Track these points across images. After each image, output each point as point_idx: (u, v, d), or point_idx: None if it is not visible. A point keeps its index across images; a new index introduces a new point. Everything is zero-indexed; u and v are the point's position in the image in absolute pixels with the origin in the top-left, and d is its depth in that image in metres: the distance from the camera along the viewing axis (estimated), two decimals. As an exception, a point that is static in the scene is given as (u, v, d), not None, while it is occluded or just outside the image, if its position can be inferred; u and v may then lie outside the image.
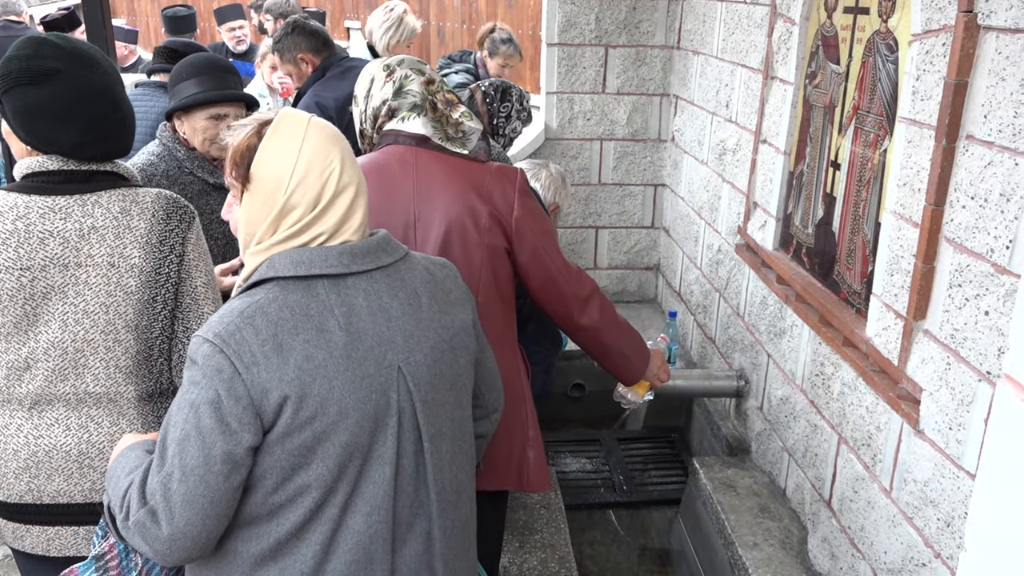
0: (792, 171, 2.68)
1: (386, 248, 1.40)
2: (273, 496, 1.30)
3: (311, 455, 1.28)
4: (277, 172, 1.32)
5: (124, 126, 1.75)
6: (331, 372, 1.28)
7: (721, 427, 3.17)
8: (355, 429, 1.30)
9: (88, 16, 3.08)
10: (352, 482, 1.32)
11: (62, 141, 1.66)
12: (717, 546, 2.66)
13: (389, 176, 1.91)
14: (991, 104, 1.65)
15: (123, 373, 1.72)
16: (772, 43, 2.77)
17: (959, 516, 1.77)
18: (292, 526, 1.30)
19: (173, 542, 1.26)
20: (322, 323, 1.29)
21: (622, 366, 2.17)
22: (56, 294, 1.66)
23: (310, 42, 3.51)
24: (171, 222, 1.72)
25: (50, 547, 1.78)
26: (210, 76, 2.39)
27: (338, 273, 1.32)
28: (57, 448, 1.72)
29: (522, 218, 1.91)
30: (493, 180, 1.90)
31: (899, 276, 1.99)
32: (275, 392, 1.25)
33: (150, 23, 11.73)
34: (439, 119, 1.93)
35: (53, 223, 1.65)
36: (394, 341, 1.35)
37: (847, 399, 2.25)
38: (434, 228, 1.88)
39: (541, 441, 2.06)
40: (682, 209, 3.88)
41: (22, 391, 1.69)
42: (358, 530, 1.32)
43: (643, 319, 4.16)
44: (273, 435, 1.27)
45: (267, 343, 1.25)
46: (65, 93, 1.65)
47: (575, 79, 3.99)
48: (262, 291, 1.30)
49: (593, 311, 2.03)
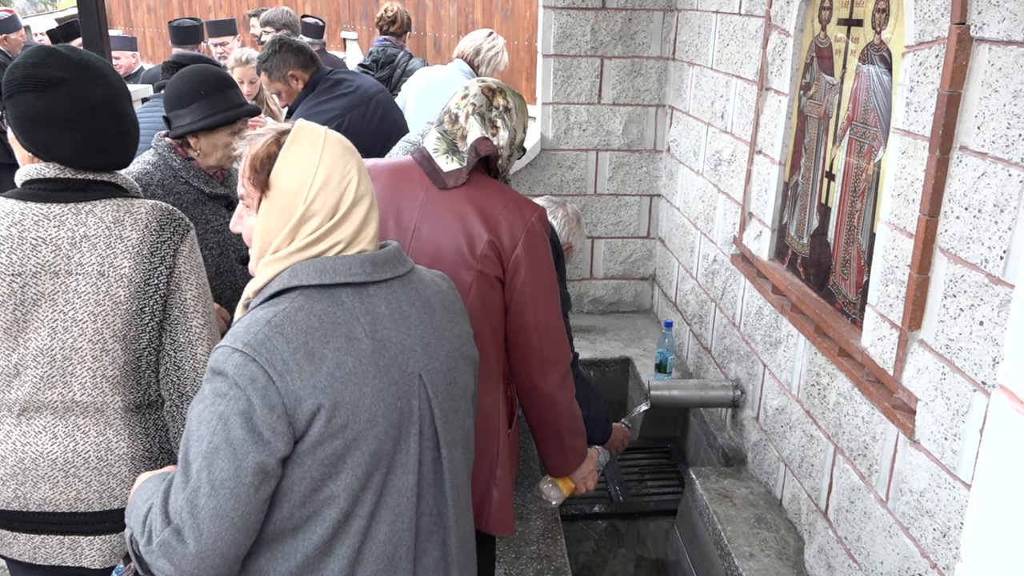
0: (787, 182, 2.69)
1: (400, 259, 1.42)
2: (301, 509, 1.28)
3: (341, 464, 1.28)
4: (298, 179, 1.32)
5: (124, 139, 1.76)
6: (361, 379, 1.28)
7: (717, 437, 3.16)
8: (383, 436, 1.30)
9: (85, 27, 3.09)
10: (378, 491, 1.32)
11: (60, 150, 1.67)
12: (713, 557, 2.65)
13: (405, 180, 1.92)
14: (984, 115, 1.66)
15: (110, 383, 1.71)
16: (767, 54, 2.78)
17: (955, 526, 1.77)
18: (320, 540, 1.29)
19: (201, 560, 1.22)
20: (350, 331, 1.30)
21: (555, 451, 2.08)
22: (46, 301, 1.66)
23: (298, 59, 3.53)
24: (163, 234, 1.72)
25: (36, 555, 1.78)
26: (234, 93, 2.44)
27: (361, 282, 1.33)
28: (44, 456, 1.72)
29: (522, 258, 1.86)
30: (505, 212, 1.86)
31: (894, 286, 2.00)
32: (309, 400, 1.24)
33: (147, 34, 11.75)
34: (452, 132, 1.92)
35: (47, 230, 1.66)
36: (414, 349, 1.37)
37: (843, 409, 2.26)
38: (430, 242, 1.87)
39: (511, 483, 2.01)
40: (678, 219, 3.89)
41: (11, 397, 1.70)
42: (383, 540, 1.32)
43: (639, 329, 4.16)
44: (304, 445, 1.25)
45: (299, 351, 1.25)
46: (67, 103, 1.66)
47: (571, 90, 4.00)
48: (286, 300, 1.30)
49: (553, 379, 1.94)
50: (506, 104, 1.94)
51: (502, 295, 1.89)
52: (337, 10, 10.43)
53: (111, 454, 1.74)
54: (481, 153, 1.88)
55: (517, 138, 1.97)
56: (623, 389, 3.92)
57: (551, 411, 2.00)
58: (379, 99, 3.61)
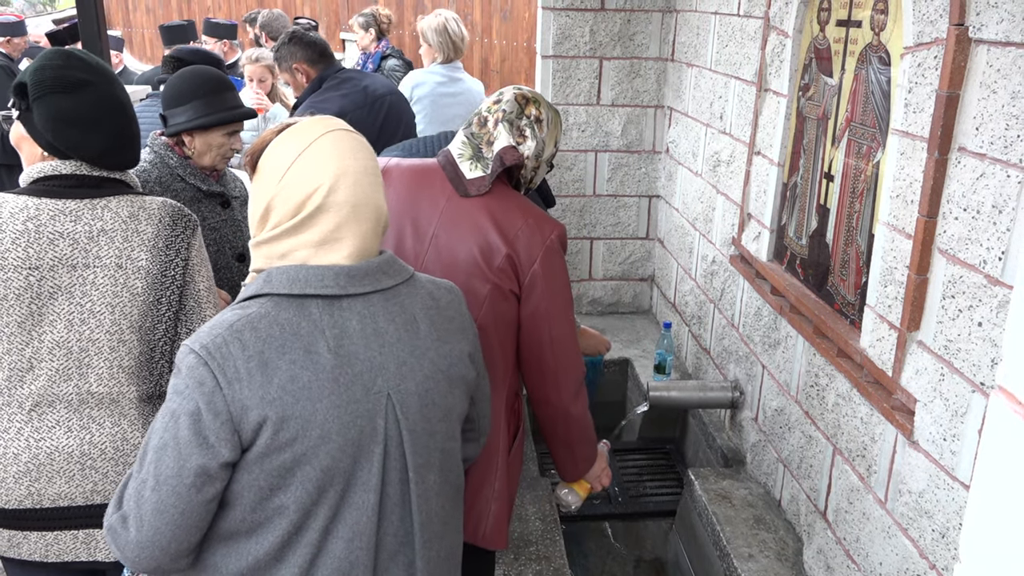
0: (786, 182, 2.69)
1: (387, 270, 1.37)
2: (252, 514, 1.28)
3: (290, 476, 1.26)
4: (271, 167, 1.33)
5: (136, 139, 1.86)
6: (315, 395, 1.25)
7: (716, 438, 3.16)
8: (337, 454, 1.27)
9: (84, 29, 3.09)
10: (333, 507, 1.29)
11: (89, 148, 1.75)
12: (712, 558, 2.65)
13: (427, 185, 1.90)
14: (983, 116, 1.66)
15: (126, 373, 1.75)
16: (765, 55, 2.79)
17: (954, 527, 1.77)
18: (271, 546, 1.28)
19: (141, 549, 1.25)
20: (311, 344, 1.27)
21: (568, 461, 2.11)
22: (63, 294, 1.70)
23: (305, 52, 3.55)
24: (177, 228, 1.79)
25: (48, 552, 1.78)
26: (231, 95, 2.47)
27: (333, 294, 1.30)
28: (59, 450, 1.73)
29: (539, 275, 1.85)
30: (525, 228, 1.84)
31: (893, 287, 2.00)
32: (255, 411, 1.23)
33: (145, 35, 11.75)
34: (479, 136, 1.90)
35: (63, 225, 1.71)
36: (386, 367, 1.32)
37: (842, 410, 2.26)
38: (447, 250, 1.85)
39: (510, 497, 2.02)
40: (676, 220, 3.89)
41: (23, 392, 1.72)
42: (339, 556, 1.30)
43: (638, 330, 4.16)
44: (252, 453, 1.25)
45: (252, 359, 1.23)
46: (95, 103, 1.74)
47: (570, 91, 4.01)
48: (255, 305, 1.29)
49: (567, 392, 1.95)
50: (538, 115, 1.92)
51: (515, 309, 1.88)
52: (336, 11, 10.44)
53: (127, 444, 1.78)
54: (506, 163, 1.86)
55: (546, 151, 1.95)
56: (622, 390, 3.92)
57: (564, 423, 2.01)
58: (388, 100, 3.58)
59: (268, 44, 5.37)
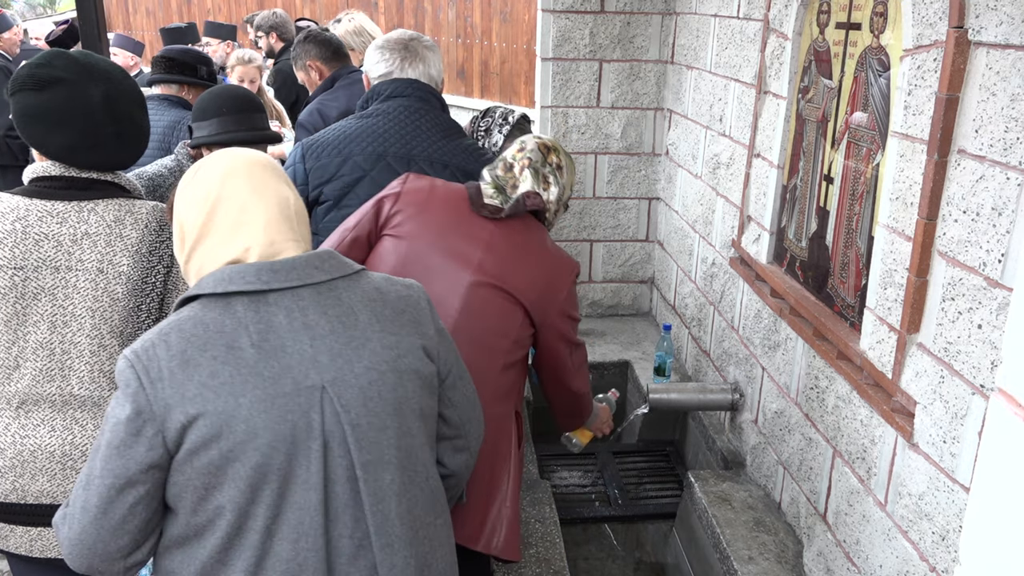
0: (786, 185, 2.69)
1: (320, 265, 1.35)
2: (194, 517, 1.29)
3: (221, 475, 1.26)
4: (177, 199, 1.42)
5: (120, 139, 1.81)
6: (237, 390, 1.25)
7: (716, 440, 3.16)
8: (267, 450, 1.26)
9: (84, 30, 3.09)
10: (272, 506, 1.28)
11: (51, 145, 1.75)
12: (712, 560, 2.65)
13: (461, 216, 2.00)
14: (982, 119, 1.66)
15: (107, 378, 1.76)
16: (765, 58, 2.79)
17: (954, 530, 1.77)
18: (213, 549, 1.28)
19: (72, 547, 1.28)
20: (234, 340, 1.27)
21: (570, 422, 2.37)
22: (46, 295, 1.71)
23: (319, 51, 3.58)
24: (163, 234, 1.78)
25: (32, 547, 1.80)
26: (259, 117, 2.53)
27: (257, 290, 1.30)
28: (42, 448, 1.75)
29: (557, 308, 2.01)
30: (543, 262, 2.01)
31: (892, 289, 2.00)
32: (178, 408, 1.24)
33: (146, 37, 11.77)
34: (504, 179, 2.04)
35: (49, 226, 1.72)
36: (318, 360, 1.30)
37: (841, 412, 2.26)
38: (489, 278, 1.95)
39: (518, 510, 2.07)
40: (676, 223, 3.89)
41: (10, 390, 1.74)
42: (286, 557, 1.28)
43: (638, 332, 4.16)
44: (181, 453, 1.26)
45: (175, 359, 1.25)
46: (61, 102, 1.73)
47: (569, 93, 4.01)
48: (187, 309, 1.32)
49: (580, 381, 2.18)
50: (559, 162, 2.07)
51: (531, 330, 2.02)
52: (336, 12, 10.45)
53: None
54: (528, 207, 1.99)
55: (565, 195, 2.10)
56: (622, 392, 3.92)
57: (573, 399, 2.25)
58: None
59: (279, 46, 5.37)
